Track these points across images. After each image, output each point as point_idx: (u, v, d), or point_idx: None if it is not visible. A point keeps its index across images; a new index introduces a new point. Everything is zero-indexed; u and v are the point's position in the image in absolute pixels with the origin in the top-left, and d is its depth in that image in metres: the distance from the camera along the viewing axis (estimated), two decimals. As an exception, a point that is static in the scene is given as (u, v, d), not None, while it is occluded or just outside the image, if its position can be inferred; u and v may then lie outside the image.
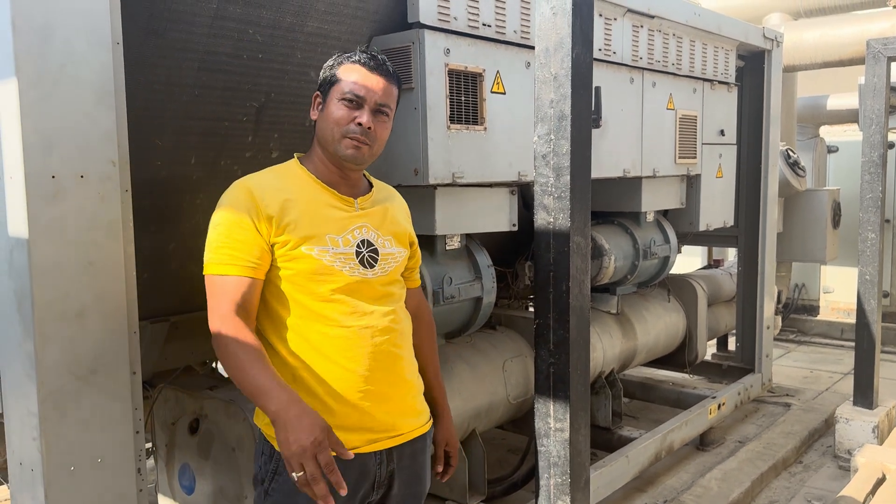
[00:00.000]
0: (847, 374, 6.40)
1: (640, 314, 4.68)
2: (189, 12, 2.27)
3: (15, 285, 1.82)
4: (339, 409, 1.86)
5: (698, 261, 7.96)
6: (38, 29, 1.75)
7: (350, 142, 1.87)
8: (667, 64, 4.11)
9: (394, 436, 1.95)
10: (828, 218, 6.48)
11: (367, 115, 1.87)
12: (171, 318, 2.98)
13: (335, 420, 1.86)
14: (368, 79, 1.88)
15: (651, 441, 4.01)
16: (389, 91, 1.91)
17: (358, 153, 1.88)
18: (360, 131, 1.86)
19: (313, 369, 1.86)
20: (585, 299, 2.23)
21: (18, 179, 1.75)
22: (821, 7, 7.08)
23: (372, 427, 1.91)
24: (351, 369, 1.87)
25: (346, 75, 1.88)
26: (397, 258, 1.99)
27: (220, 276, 1.81)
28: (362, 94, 1.87)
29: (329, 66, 1.94)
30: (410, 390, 2.02)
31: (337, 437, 1.74)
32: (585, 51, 2.12)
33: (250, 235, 1.80)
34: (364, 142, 1.88)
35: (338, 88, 1.88)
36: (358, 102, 1.87)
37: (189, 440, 2.78)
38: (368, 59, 1.90)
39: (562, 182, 2.14)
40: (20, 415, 1.86)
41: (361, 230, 1.92)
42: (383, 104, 1.90)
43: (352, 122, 1.87)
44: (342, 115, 1.87)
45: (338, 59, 1.94)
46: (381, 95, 1.89)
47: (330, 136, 1.89)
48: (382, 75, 1.90)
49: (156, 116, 2.38)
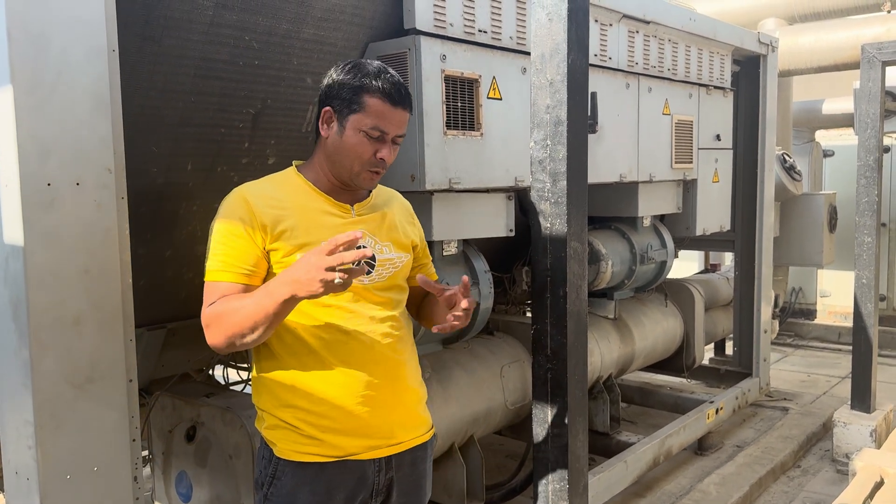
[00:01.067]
0: (844, 378, 6.41)
1: (637, 319, 4.68)
2: (185, 19, 2.27)
3: (10, 293, 1.81)
4: (338, 415, 1.86)
5: (695, 265, 7.98)
6: (34, 36, 1.75)
7: (370, 174, 1.89)
8: (662, 69, 4.12)
9: (393, 444, 1.94)
10: (824, 222, 6.49)
11: (388, 149, 1.87)
12: (167, 325, 2.98)
13: (333, 425, 1.86)
14: (392, 114, 1.84)
15: (649, 446, 4.01)
16: (407, 119, 1.90)
17: (374, 182, 1.93)
18: (381, 166, 1.88)
19: (312, 375, 1.86)
20: (583, 304, 2.23)
21: (14, 187, 1.74)
22: (815, 12, 7.11)
23: (370, 434, 1.90)
24: (349, 375, 1.87)
25: (370, 105, 1.83)
26: (396, 263, 1.98)
27: (215, 282, 1.81)
28: (386, 130, 1.85)
29: (349, 88, 1.84)
30: (412, 398, 2.00)
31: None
32: (581, 56, 2.13)
33: (246, 243, 1.80)
34: (381, 172, 1.91)
35: (360, 119, 1.83)
36: (381, 137, 1.86)
37: (186, 448, 2.77)
38: (394, 92, 1.84)
39: (558, 187, 2.14)
40: (16, 423, 1.85)
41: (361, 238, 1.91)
42: (401, 135, 1.90)
43: (373, 156, 1.86)
44: (365, 150, 1.85)
45: (359, 80, 1.84)
46: (401, 128, 1.88)
47: (348, 165, 1.87)
48: (404, 107, 1.87)
49: (152, 123, 2.38)
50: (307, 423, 1.86)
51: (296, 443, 1.87)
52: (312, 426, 1.86)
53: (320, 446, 1.86)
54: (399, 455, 1.96)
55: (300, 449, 1.86)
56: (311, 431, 1.86)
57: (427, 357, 3.38)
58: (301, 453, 1.86)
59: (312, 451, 1.86)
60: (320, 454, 1.86)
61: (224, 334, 1.74)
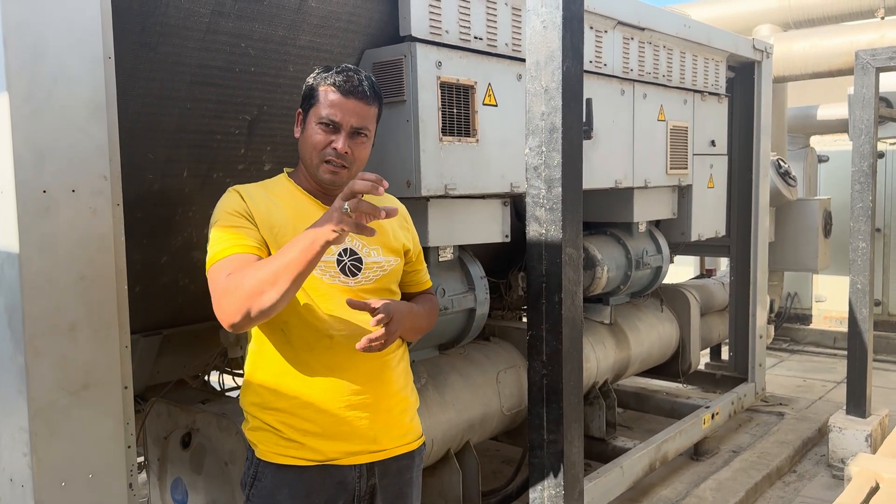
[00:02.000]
0: (840, 383, 6.41)
1: (633, 324, 4.69)
2: (181, 26, 2.27)
3: (5, 300, 1.81)
4: (319, 419, 1.86)
5: (691, 270, 7.99)
6: (30, 43, 1.75)
7: (327, 167, 1.87)
8: (657, 75, 4.13)
9: (376, 450, 1.94)
10: (819, 227, 6.51)
11: (343, 141, 1.85)
12: (163, 331, 2.98)
13: (314, 428, 1.86)
14: (343, 104, 1.84)
15: (645, 451, 4.01)
16: (365, 112, 1.88)
17: (336, 178, 1.88)
18: (335, 155, 1.86)
19: (296, 378, 1.86)
20: (578, 310, 2.23)
21: (9, 194, 1.75)
22: (809, 18, 7.15)
23: (352, 439, 1.89)
24: (333, 379, 1.87)
25: (323, 98, 1.86)
26: (385, 267, 1.98)
27: (225, 257, 1.75)
28: (337, 120, 1.84)
29: (308, 85, 1.91)
30: (399, 404, 1.99)
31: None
32: (576, 64, 2.13)
33: (248, 229, 1.81)
34: (342, 165, 1.87)
35: (315, 111, 1.86)
36: (334, 127, 1.86)
37: (181, 454, 2.76)
38: (343, 82, 1.85)
39: (553, 194, 2.14)
40: (11, 430, 1.84)
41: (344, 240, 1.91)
42: (360, 127, 1.87)
43: (328, 146, 1.86)
44: (319, 140, 1.86)
45: (316, 76, 1.90)
46: (357, 119, 1.86)
47: (309, 159, 1.89)
48: (358, 98, 1.86)
49: (148, 130, 2.38)
50: (288, 426, 1.86)
51: (276, 445, 1.87)
52: (293, 429, 1.86)
53: (300, 450, 1.86)
54: (383, 462, 1.95)
55: (280, 451, 1.87)
56: (291, 434, 1.86)
57: (423, 363, 3.38)
58: (281, 455, 1.87)
59: (292, 454, 1.87)
60: (300, 457, 1.87)
61: (243, 297, 1.66)
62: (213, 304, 1.73)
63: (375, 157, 2.90)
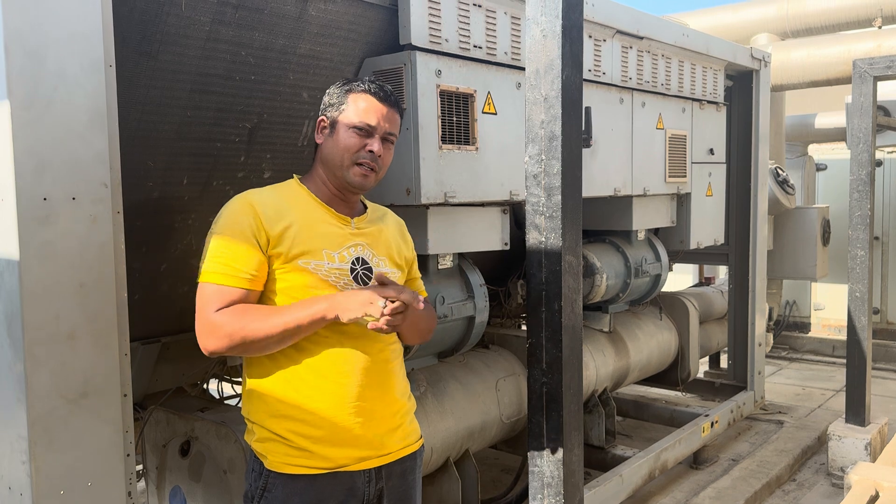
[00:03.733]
0: (839, 391, 6.41)
1: (632, 332, 4.68)
2: (181, 34, 2.28)
3: (5, 307, 1.81)
4: (329, 427, 1.87)
5: (689, 278, 7.99)
6: (31, 51, 1.75)
7: (360, 169, 1.94)
8: (656, 84, 4.15)
9: (383, 454, 1.96)
10: (817, 235, 6.52)
11: (378, 143, 1.95)
12: (162, 339, 2.97)
13: (324, 436, 1.87)
14: (379, 109, 1.95)
15: (645, 460, 4.01)
16: (396, 120, 2.00)
17: (366, 180, 1.96)
18: (370, 158, 1.94)
19: (304, 385, 1.87)
20: (578, 318, 2.23)
21: (10, 201, 1.75)
22: (807, 27, 7.18)
23: (361, 445, 1.92)
24: (341, 386, 1.88)
25: (357, 104, 1.95)
26: (391, 279, 2.00)
27: (218, 286, 1.82)
28: (374, 124, 1.94)
29: (337, 94, 1.99)
30: (400, 409, 2.03)
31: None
32: (575, 72, 2.14)
33: (249, 248, 1.83)
34: (373, 168, 1.95)
35: (348, 117, 1.94)
36: (368, 131, 1.94)
37: (180, 462, 2.75)
38: (378, 90, 1.97)
39: (553, 202, 2.15)
40: (9, 438, 1.84)
41: (357, 248, 1.96)
42: (391, 133, 1.98)
43: (362, 149, 1.93)
44: (353, 143, 1.93)
45: (345, 86, 1.99)
46: (390, 125, 1.97)
47: (339, 162, 1.94)
48: (391, 105, 1.98)
49: (148, 138, 2.38)
50: (298, 435, 1.87)
51: (287, 455, 1.87)
52: (303, 437, 1.87)
53: (311, 458, 1.87)
54: (389, 466, 1.98)
55: (291, 461, 1.87)
56: (301, 443, 1.87)
57: (422, 371, 3.37)
58: (292, 465, 1.87)
59: (303, 464, 1.87)
60: (311, 466, 1.87)
61: (237, 340, 1.78)
62: (196, 326, 1.83)
63: (375, 164, 2.91)
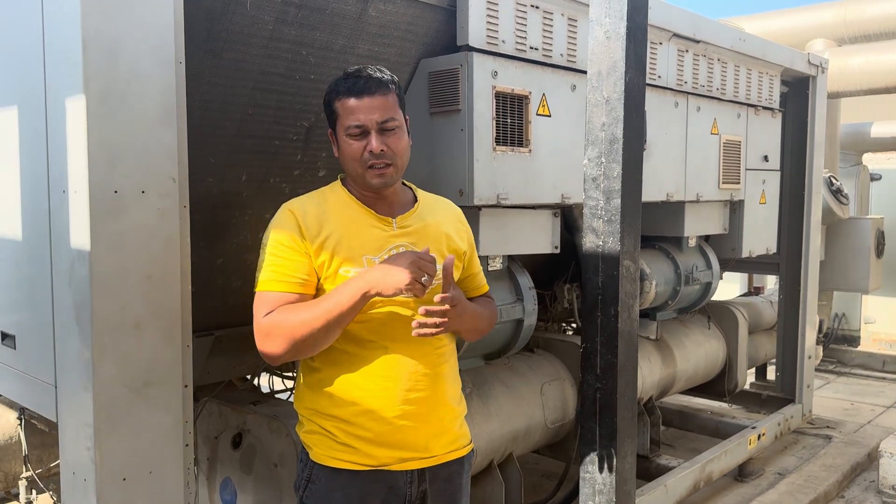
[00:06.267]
0: (890, 408, 6.24)
1: (679, 340, 4.62)
2: (246, 33, 2.31)
3: (74, 296, 1.85)
4: (373, 427, 1.88)
5: (737, 287, 7.85)
6: (107, 47, 1.80)
7: (372, 172, 1.89)
8: (711, 88, 4.08)
9: (427, 457, 1.95)
10: (871, 247, 6.35)
11: (376, 140, 1.87)
12: (215, 332, 3.02)
13: (367, 435, 1.87)
14: (360, 105, 1.86)
15: (690, 470, 3.94)
16: (383, 104, 1.88)
17: (383, 178, 1.90)
18: (374, 157, 1.88)
19: (351, 385, 1.88)
20: (634, 324, 2.21)
21: (83, 193, 1.79)
22: (865, 34, 7.01)
23: (404, 446, 1.91)
24: (387, 388, 1.88)
25: (341, 109, 1.89)
26: (439, 275, 1.98)
27: (268, 292, 1.84)
28: (361, 122, 1.86)
29: (326, 105, 1.94)
30: (449, 413, 2.00)
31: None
32: (638, 75, 2.12)
33: (297, 255, 1.85)
34: (385, 164, 1.89)
35: (340, 124, 1.90)
36: (362, 131, 1.88)
37: (231, 454, 2.79)
38: (351, 86, 1.88)
39: (612, 205, 2.13)
40: (75, 425, 1.89)
41: (399, 249, 1.93)
42: (385, 120, 1.88)
43: (364, 151, 1.88)
44: (354, 150, 1.88)
45: (327, 96, 1.94)
46: (379, 113, 1.87)
47: (353, 171, 1.92)
48: (370, 94, 1.87)
49: (210, 134, 2.42)
50: (343, 431, 1.88)
51: (331, 448, 1.89)
52: (348, 434, 1.88)
53: (354, 454, 1.88)
54: (434, 468, 1.97)
55: (334, 455, 1.89)
56: (345, 439, 1.88)
57: (468, 372, 3.37)
58: (335, 459, 1.89)
59: (346, 458, 1.89)
60: (353, 462, 1.89)
61: (289, 339, 1.77)
62: (256, 337, 1.83)
63: (429, 165, 2.92)
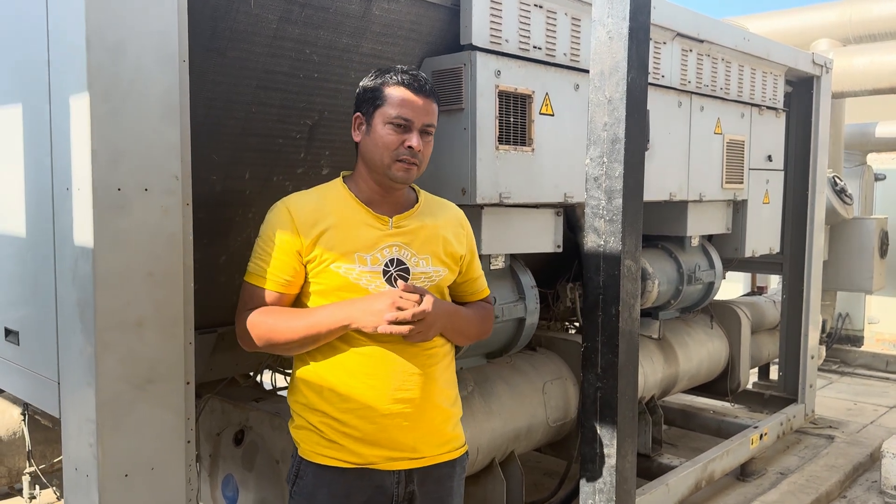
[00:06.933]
0: (893, 408, 6.23)
1: (682, 340, 4.62)
2: (249, 32, 2.32)
3: (78, 293, 1.86)
4: (360, 425, 1.88)
5: (740, 287, 7.84)
6: (111, 46, 1.80)
7: (401, 165, 1.90)
8: (715, 88, 4.08)
9: (415, 457, 1.94)
10: (875, 247, 6.34)
11: (417, 138, 1.90)
12: (217, 329, 3.03)
13: (354, 433, 1.88)
14: (414, 101, 1.89)
15: (692, 470, 3.94)
16: (433, 110, 1.93)
17: (408, 174, 1.93)
18: (410, 154, 1.89)
19: (341, 383, 1.89)
20: (635, 323, 2.21)
21: (86, 190, 1.80)
22: (870, 34, 6.99)
23: (391, 446, 1.91)
24: (374, 386, 1.88)
25: (391, 98, 1.89)
26: (433, 278, 1.98)
27: (254, 286, 1.93)
28: (410, 118, 1.88)
29: (371, 88, 1.93)
30: (440, 415, 1.98)
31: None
32: (641, 75, 2.12)
33: (286, 255, 1.90)
34: (413, 163, 1.91)
35: (383, 112, 1.89)
36: (406, 126, 1.89)
37: (233, 451, 2.81)
38: (412, 81, 1.90)
39: (614, 205, 2.13)
40: (78, 421, 1.90)
41: (392, 249, 1.93)
42: (429, 124, 1.92)
43: (401, 145, 1.89)
44: (392, 140, 1.89)
45: (377, 79, 1.93)
46: (427, 116, 1.91)
47: (379, 160, 1.91)
48: (427, 96, 1.91)
49: (213, 132, 2.43)
50: (330, 428, 1.89)
51: (317, 444, 1.91)
52: (335, 431, 1.89)
53: (340, 451, 1.89)
54: (423, 469, 1.96)
55: (321, 451, 1.90)
56: (332, 436, 1.89)
57: (470, 371, 3.38)
58: (321, 455, 1.90)
59: (332, 455, 1.89)
60: (340, 459, 1.89)
61: (265, 340, 1.89)
62: (236, 325, 1.94)
63: (431, 164, 2.92)
